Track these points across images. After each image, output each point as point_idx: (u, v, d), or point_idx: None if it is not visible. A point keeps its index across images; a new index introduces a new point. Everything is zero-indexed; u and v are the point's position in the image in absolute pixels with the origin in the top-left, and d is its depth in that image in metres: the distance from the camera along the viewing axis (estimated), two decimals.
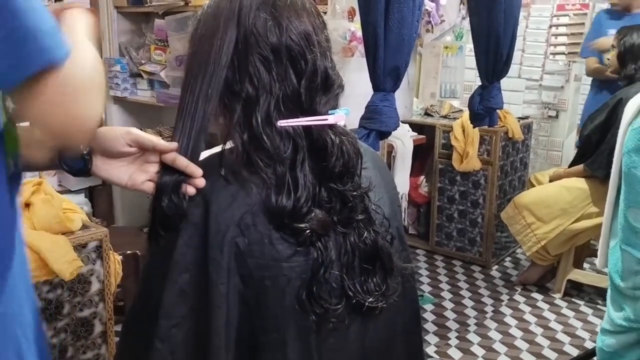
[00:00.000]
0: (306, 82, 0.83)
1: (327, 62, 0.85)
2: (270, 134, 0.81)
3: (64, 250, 1.56)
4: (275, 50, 0.81)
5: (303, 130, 0.83)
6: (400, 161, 3.27)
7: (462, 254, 3.73)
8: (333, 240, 0.85)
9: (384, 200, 0.95)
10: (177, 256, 0.82)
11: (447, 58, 3.88)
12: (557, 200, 3.12)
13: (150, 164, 0.85)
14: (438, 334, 2.88)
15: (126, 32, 3.64)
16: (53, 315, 1.62)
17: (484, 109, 2.63)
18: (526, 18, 4.45)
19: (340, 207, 0.85)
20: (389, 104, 2.07)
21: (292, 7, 0.84)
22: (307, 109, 0.83)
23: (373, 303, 0.87)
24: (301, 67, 0.82)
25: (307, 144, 0.83)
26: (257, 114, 0.81)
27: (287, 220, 0.81)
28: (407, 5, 1.94)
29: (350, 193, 0.85)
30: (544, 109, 4.61)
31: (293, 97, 0.82)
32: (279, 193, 0.81)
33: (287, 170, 0.82)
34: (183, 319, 0.82)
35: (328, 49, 0.87)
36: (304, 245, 0.82)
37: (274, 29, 0.82)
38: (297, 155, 0.82)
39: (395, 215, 0.98)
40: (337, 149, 0.83)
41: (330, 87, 0.86)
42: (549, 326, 2.98)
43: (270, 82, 0.81)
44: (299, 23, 0.83)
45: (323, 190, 0.84)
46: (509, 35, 2.49)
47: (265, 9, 0.82)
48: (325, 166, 0.83)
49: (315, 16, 0.87)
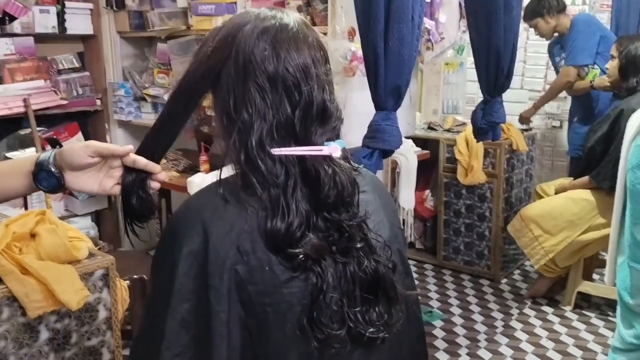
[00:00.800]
0: (300, 112, 0.84)
1: (325, 94, 0.86)
2: (263, 158, 0.83)
3: (71, 280, 1.56)
4: (271, 79, 0.83)
5: (296, 159, 0.84)
6: (405, 177, 3.27)
7: (471, 268, 3.71)
8: (332, 269, 0.85)
9: (383, 224, 0.95)
10: (177, 286, 0.82)
11: (448, 75, 3.89)
12: (563, 212, 3.10)
13: (114, 169, 0.94)
14: (448, 350, 2.85)
15: (129, 57, 3.68)
16: (61, 345, 1.62)
17: (487, 124, 2.62)
18: (527, 30, 4.46)
19: (338, 236, 0.85)
20: (391, 123, 2.08)
21: (293, 39, 0.85)
22: (301, 138, 0.85)
23: (374, 334, 0.86)
24: (295, 97, 0.84)
25: (300, 172, 0.84)
26: (251, 138, 0.83)
27: (281, 244, 0.82)
28: (407, 24, 1.95)
29: (346, 223, 0.86)
30: (547, 119, 4.60)
31: (286, 125, 0.84)
32: (274, 216, 0.82)
33: (280, 193, 0.83)
34: (185, 348, 0.82)
35: (327, 82, 0.88)
36: (299, 270, 0.82)
37: (272, 59, 0.84)
38: (288, 181, 0.83)
39: (396, 238, 0.98)
40: (329, 179, 0.84)
41: (328, 119, 0.87)
42: (560, 340, 2.95)
43: (264, 109, 0.83)
44: (297, 55, 0.85)
45: (319, 219, 0.85)
46: (510, 49, 2.49)
47: (265, 38, 0.84)
48: (319, 195, 0.84)
49: (317, 50, 0.88)
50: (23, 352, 1.54)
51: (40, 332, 1.57)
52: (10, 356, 1.52)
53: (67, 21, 3.32)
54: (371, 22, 1.95)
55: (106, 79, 3.59)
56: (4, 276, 1.49)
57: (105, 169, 0.95)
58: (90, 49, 3.57)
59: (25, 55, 3.22)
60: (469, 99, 4.16)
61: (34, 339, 1.56)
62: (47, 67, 3.31)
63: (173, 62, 3.30)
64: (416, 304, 1.03)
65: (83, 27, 3.43)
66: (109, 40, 3.55)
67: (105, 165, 0.94)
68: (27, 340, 1.55)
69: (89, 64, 3.58)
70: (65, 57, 3.45)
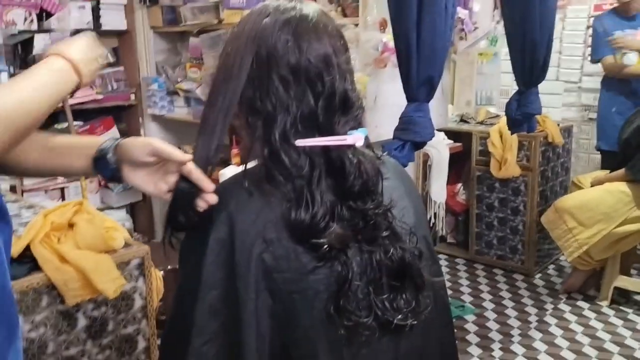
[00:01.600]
0: (323, 102, 0.84)
1: (346, 84, 0.87)
2: (287, 150, 0.83)
3: (108, 269, 1.59)
4: (293, 70, 0.84)
5: (321, 149, 0.84)
6: (437, 170, 3.24)
7: (504, 263, 3.66)
8: (358, 257, 0.85)
9: (407, 210, 0.95)
10: (205, 275, 0.83)
11: (482, 65, 3.83)
12: (599, 204, 3.04)
13: (170, 174, 0.88)
14: (480, 345, 2.82)
15: (162, 52, 3.72)
16: (98, 333, 1.65)
17: (522, 115, 2.57)
18: (562, 20, 4.37)
19: (363, 225, 0.86)
20: (423, 115, 2.06)
21: (314, 30, 0.86)
22: (325, 129, 0.85)
23: (402, 320, 0.86)
24: (318, 88, 0.84)
25: (325, 162, 0.85)
26: (275, 131, 0.83)
27: (306, 234, 0.82)
28: (440, 14, 1.93)
29: (371, 211, 0.86)
30: (583, 111, 4.50)
31: (310, 116, 0.84)
32: (298, 207, 0.82)
33: (305, 185, 0.83)
34: (215, 335, 0.83)
35: (348, 71, 0.89)
36: (324, 259, 0.83)
37: (294, 50, 0.84)
38: (313, 172, 0.84)
39: (421, 224, 0.98)
40: (354, 168, 0.84)
41: (350, 108, 0.87)
42: (597, 335, 2.89)
43: (287, 101, 0.84)
44: (318, 45, 0.85)
45: (344, 208, 0.85)
46: (545, 39, 2.44)
47: (287, 30, 0.85)
48: (344, 185, 0.84)
49: (337, 39, 0.88)
50: (62, 339, 1.58)
51: (78, 319, 1.61)
52: (49, 342, 1.56)
53: (101, 17, 3.37)
54: (403, 12, 1.93)
55: (140, 74, 3.64)
56: (43, 265, 1.53)
57: (162, 171, 0.90)
58: (125, 44, 3.62)
59: None
60: (503, 91, 4.10)
61: (72, 326, 1.60)
62: None
63: (205, 56, 3.32)
64: (443, 290, 1.03)
65: (117, 23, 3.49)
66: (143, 36, 3.60)
67: (162, 167, 0.90)
68: (65, 327, 1.59)
69: (123, 59, 3.63)
70: None
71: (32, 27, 3.11)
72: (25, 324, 1.49)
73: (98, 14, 3.36)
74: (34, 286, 1.51)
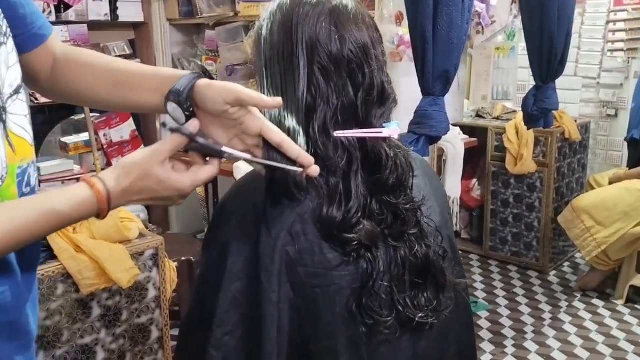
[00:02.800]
0: (363, 94, 0.83)
1: (383, 76, 0.86)
2: (326, 143, 0.82)
3: (122, 259, 1.60)
4: (335, 61, 0.82)
5: (357, 141, 0.83)
6: (451, 165, 3.22)
7: (518, 259, 3.63)
8: (383, 253, 0.84)
9: (434, 209, 0.94)
10: (229, 265, 0.83)
11: (498, 59, 3.79)
12: (617, 203, 3.00)
13: (250, 137, 0.79)
14: (493, 341, 2.81)
15: (178, 44, 3.74)
16: (112, 322, 1.67)
17: (539, 110, 2.55)
18: (581, 14, 4.30)
19: (392, 220, 0.85)
20: (439, 109, 2.04)
21: (354, 20, 0.84)
22: (362, 121, 0.84)
23: (423, 319, 0.86)
24: (359, 79, 0.83)
25: (361, 155, 0.83)
26: (314, 123, 0.82)
27: (336, 231, 0.81)
28: (457, 7, 1.91)
29: (402, 206, 0.85)
30: (602, 107, 4.44)
31: (349, 108, 0.83)
32: (331, 204, 0.81)
33: (340, 180, 0.82)
34: (235, 326, 0.83)
35: (384, 63, 0.88)
36: (351, 255, 0.82)
37: (336, 40, 0.82)
38: (351, 166, 0.83)
39: (446, 224, 0.97)
40: (391, 161, 0.84)
41: (386, 100, 0.86)
42: (611, 334, 2.86)
43: (328, 93, 0.82)
44: (359, 36, 0.84)
45: (374, 202, 0.84)
46: (564, 33, 2.41)
47: (329, 19, 0.83)
48: (379, 178, 0.84)
49: (374, 30, 0.87)
50: (76, 327, 1.60)
51: (92, 308, 1.63)
52: (64, 330, 1.58)
53: (119, 9, 3.39)
54: (420, 5, 1.91)
55: (156, 66, 3.66)
56: (59, 254, 1.55)
57: (238, 130, 0.79)
58: (141, 36, 3.64)
59: (79, 42, 3.31)
60: (520, 86, 4.05)
61: (87, 315, 1.62)
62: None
63: (221, 49, 3.33)
64: (465, 292, 1.01)
65: (134, 15, 3.50)
66: (159, 28, 3.61)
67: (240, 125, 0.78)
68: (80, 315, 1.61)
69: (139, 50, 3.65)
70: (117, 44, 3.53)
71: (50, 18, 3.13)
72: (41, 311, 1.51)
73: (115, 5, 3.37)
74: (49, 275, 1.53)
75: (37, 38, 0.87)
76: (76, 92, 0.91)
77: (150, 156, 0.75)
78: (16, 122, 0.78)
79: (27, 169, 0.79)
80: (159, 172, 0.75)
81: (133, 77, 0.87)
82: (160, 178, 0.75)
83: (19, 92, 0.79)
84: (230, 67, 3.27)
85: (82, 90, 0.90)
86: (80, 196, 0.73)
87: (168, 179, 0.75)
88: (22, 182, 0.78)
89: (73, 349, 1.60)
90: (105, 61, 0.90)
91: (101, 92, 0.89)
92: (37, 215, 0.71)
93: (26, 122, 0.80)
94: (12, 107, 0.77)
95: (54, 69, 0.90)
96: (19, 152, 0.77)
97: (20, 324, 0.80)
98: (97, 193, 0.72)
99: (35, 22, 0.86)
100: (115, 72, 0.88)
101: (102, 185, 0.73)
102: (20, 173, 0.77)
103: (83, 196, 0.73)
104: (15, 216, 0.70)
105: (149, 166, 0.75)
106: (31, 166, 0.81)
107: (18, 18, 0.82)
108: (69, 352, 1.59)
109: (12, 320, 0.78)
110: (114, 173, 0.74)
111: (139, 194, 0.75)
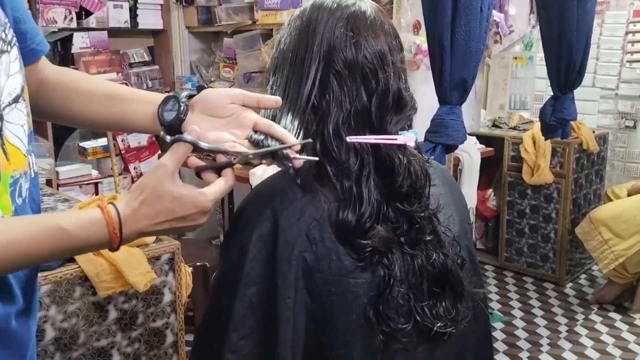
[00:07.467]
0: (377, 100, 0.84)
1: (400, 83, 0.86)
2: (339, 146, 0.83)
3: (139, 263, 1.61)
4: (349, 66, 0.83)
5: (371, 147, 0.83)
6: (467, 174, 3.20)
7: (534, 271, 3.60)
8: (399, 260, 0.84)
9: (453, 219, 0.93)
10: (246, 269, 0.83)
11: (516, 69, 3.78)
12: (636, 215, 2.96)
13: (245, 128, 0.81)
14: (508, 353, 2.78)
15: (196, 51, 3.77)
16: (128, 325, 1.68)
17: (557, 121, 2.53)
18: (600, 25, 4.27)
19: (407, 228, 0.85)
20: (456, 117, 2.04)
21: (371, 27, 0.85)
22: (377, 127, 0.84)
23: (442, 328, 0.85)
24: (372, 85, 0.84)
25: (374, 161, 0.84)
26: (328, 126, 0.83)
27: (350, 234, 0.82)
28: (475, 17, 1.91)
29: (417, 214, 0.85)
30: (620, 119, 4.40)
31: (363, 113, 0.84)
32: (346, 207, 0.82)
33: (353, 184, 0.83)
34: (251, 330, 0.83)
35: (403, 70, 0.88)
36: (366, 261, 0.82)
37: (351, 46, 0.83)
38: (362, 170, 0.83)
39: (465, 234, 0.96)
40: (404, 168, 0.84)
41: (403, 107, 0.86)
42: (629, 348, 2.82)
43: (341, 97, 0.83)
44: (375, 42, 0.85)
45: (390, 209, 0.84)
46: (583, 43, 2.40)
47: (346, 25, 0.84)
48: (392, 185, 0.84)
49: (393, 37, 0.88)
50: (93, 330, 1.61)
51: (109, 311, 1.64)
52: (80, 333, 1.59)
53: (138, 16, 3.44)
54: (438, 14, 1.91)
55: (174, 73, 3.70)
56: (77, 256, 1.56)
57: (233, 124, 0.81)
58: (160, 43, 3.69)
59: (100, 48, 3.36)
60: (537, 96, 4.03)
61: (103, 317, 1.63)
62: (119, 61, 3.44)
63: (238, 57, 3.36)
64: (483, 303, 1.01)
65: (153, 22, 3.55)
66: (178, 35, 3.66)
67: (235, 120, 0.81)
68: (96, 318, 1.62)
69: (158, 57, 3.69)
70: (136, 51, 3.58)
71: (71, 25, 3.19)
72: (58, 314, 1.52)
73: (135, 13, 3.42)
74: (67, 277, 1.55)
75: (35, 53, 0.88)
76: (64, 109, 0.91)
77: (156, 172, 0.73)
78: (12, 131, 0.77)
79: (18, 179, 0.77)
80: (172, 189, 0.72)
81: (126, 92, 0.90)
82: (174, 195, 0.72)
83: (18, 101, 0.78)
84: (248, 75, 3.30)
85: (74, 108, 0.90)
86: (89, 216, 0.71)
87: (182, 194, 0.73)
88: (14, 192, 0.76)
89: (89, 351, 1.61)
90: (95, 80, 0.93)
91: (92, 108, 0.90)
92: (37, 229, 0.69)
93: (22, 132, 0.79)
94: (9, 115, 0.76)
95: (41, 87, 0.90)
96: (12, 161, 0.75)
97: (11, 332, 0.77)
98: (106, 215, 0.71)
99: (35, 38, 0.87)
100: (105, 85, 0.91)
101: (112, 207, 0.72)
102: (12, 183, 0.75)
103: (92, 217, 0.71)
104: (9, 229, 0.67)
105: (158, 183, 0.72)
106: (23, 177, 0.78)
107: (20, 33, 0.82)
108: (85, 354, 1.60)
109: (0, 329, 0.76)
110: (125, 197, 0.74)
111: (155, 217, 0.72)
